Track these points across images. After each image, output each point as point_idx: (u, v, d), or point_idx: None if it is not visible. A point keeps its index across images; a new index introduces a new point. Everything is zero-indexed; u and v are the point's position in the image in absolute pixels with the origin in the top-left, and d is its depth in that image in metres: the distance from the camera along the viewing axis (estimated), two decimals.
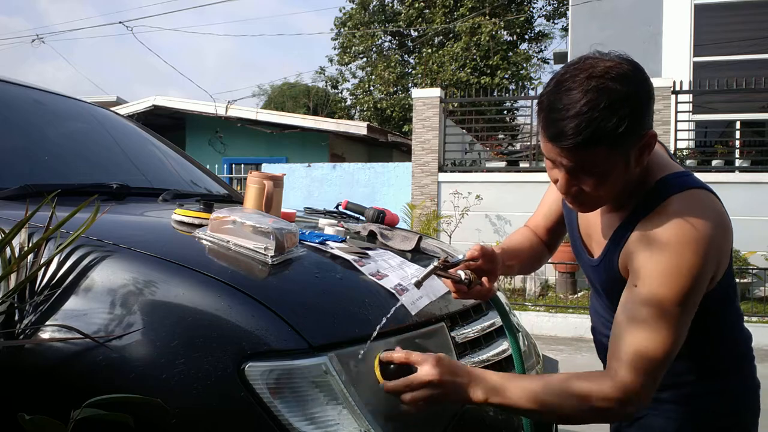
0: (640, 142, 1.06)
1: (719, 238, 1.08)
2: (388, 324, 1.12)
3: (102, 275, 1.09)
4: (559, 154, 1.06)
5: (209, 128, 12.80)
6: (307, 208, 2.26)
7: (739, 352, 1.25)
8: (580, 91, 1.01)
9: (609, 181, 1.08)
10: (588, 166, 1.06)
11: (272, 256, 1.18)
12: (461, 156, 9.30)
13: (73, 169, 1.88)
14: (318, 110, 21.85)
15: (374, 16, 21.12)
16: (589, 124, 1.00)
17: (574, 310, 6.54)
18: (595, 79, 1.01)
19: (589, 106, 1.00)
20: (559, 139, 1.04)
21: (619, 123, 1.00)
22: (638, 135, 1.04)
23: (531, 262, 1.50)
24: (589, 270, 1.30)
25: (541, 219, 1.52)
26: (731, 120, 8.49)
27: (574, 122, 1.01)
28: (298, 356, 1.01)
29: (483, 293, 1.29)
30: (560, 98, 1.03)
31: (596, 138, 1.01)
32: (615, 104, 1.00)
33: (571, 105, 1.01)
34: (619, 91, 1.00)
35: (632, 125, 1.01)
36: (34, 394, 1.03)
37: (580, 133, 1.01)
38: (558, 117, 1.03)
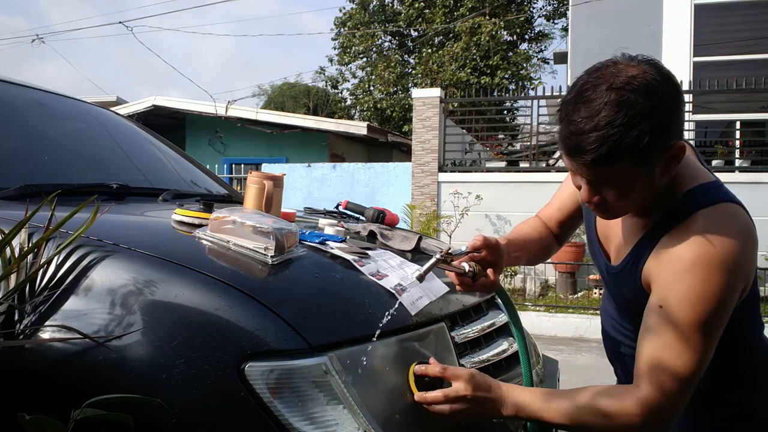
0: (665, 155, 1.02)
1: (747, 258, 1.04)
2: (389, 324, 1.12)
3: (102, 275, 1.09)
4: (579, 167, 1.04)
5: (209, 128, 12.80)
6: (307, 208, 2.26)
7: (759, 360, 1.21)
8: (599, 104, 0.97)
9: (632, 194, 1.05)
10: (609, 180, 1.03)
11: (272, 256, 1.18)
12: (461, 156, 9.30)
13: (73, 169, 1.88)
14: (318, 110, 21.85)
15: (374, 16, 21.12)
16: (607, 140, 0.97)
17: (574, 310, 6.54)
18: (615, 91, 0.97)
19: (606, 121, 0.96)
20: (577, 154, 1.01)
21: (639, 138, 0.96)
22: (663, 148, 1.00)
23: (539, 254, 1.47)
24: (606, 274, 1.28)
25: (554, 211, 1.48)
26: (731, 120, 8.49)
27: (591, 137, 0.97)
28: (298, 356, 1.01)
29: (488, 285, 1.26)
30: (579, 110, 0.99)
31: (615, 154, 0.98)
32: (635, 119, 0.96)
33: (589, 119, 0.98)
34: (641, 105, 0.96)
35: (655, 140, 0.97)
36: (34, 394, 1.03)
37: (597, 150, 0.98)
38: (576, 130, 0.99)
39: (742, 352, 1.18)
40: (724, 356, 1.13)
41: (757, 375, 1.20)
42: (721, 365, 1.14)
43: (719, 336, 1.05)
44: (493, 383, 1.13)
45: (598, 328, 5.74)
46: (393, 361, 1.15)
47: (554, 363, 2.01)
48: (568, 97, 1.04)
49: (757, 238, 1.08)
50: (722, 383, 1.18)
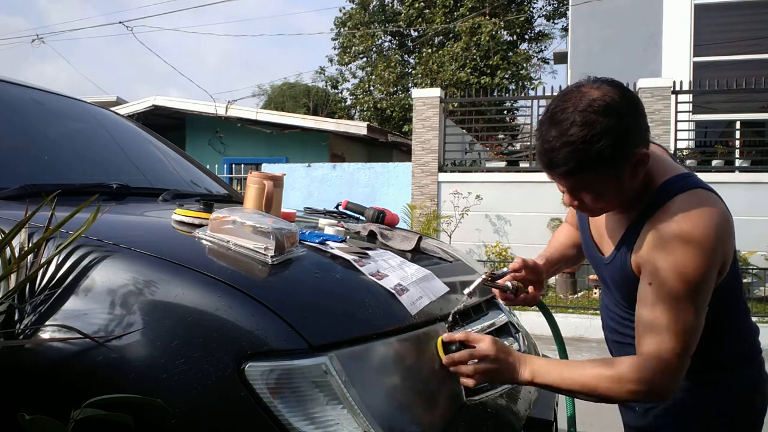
0: (630, 162, 1.16)
1: (723, 232, 1.16)
2: (388, 324, 1.12)
3: (102, 275, 1.09)
4: (553, 177, 1.21)
5: (209, 128, 12.80)
6: (307, 208, 2.26)
7: (745, 346, 1.33)
8: (567, 124, 1.13)
9: (606, 196, 1.21)
10: (582, 187, 1.20)
11: (272, 256, 1.18)
12: (461, 156, 9.30)
13: (73, 169, 1.88)
14: (318, 110, 21.85)
15: (374, 16, 21.12)
16: (572, 155, 1.13)
17: (574, 310, 6.54)
18: (579, 113, 1.13)
19: (573, 139, 1.12)
20: (551, 168, 1.18)
21: (601, 152, 1.12)
22: (626, 157, 1.15)
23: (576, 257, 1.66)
24: (600, 267, 1.40)
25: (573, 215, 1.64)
26: (731, 120, 8.49)
27: (561, 153, 1.14)
28: (298, 356, 1.01)
29: (529, 300, 1.54)
30: (551, 130, 1.16)
31: (582, 167, 1.14)
32: (597, 136, 1.11)
33: (559, 137, 1.14)
34: (602, 123, 1.11)
35: (616, 151, 1.13)
36: (34, 394, 1.03)
37: (567, 164, 1.15)
38: (549, 148, 1.16)
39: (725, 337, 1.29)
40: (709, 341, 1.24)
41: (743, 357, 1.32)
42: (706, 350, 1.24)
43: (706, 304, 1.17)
44: (512, 349, 1.29)
45: (598, 328, 5.77)
46: (393, 361, 1.15)
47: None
48: (542, 118, 1.20)
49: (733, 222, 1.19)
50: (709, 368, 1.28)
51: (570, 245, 1.65)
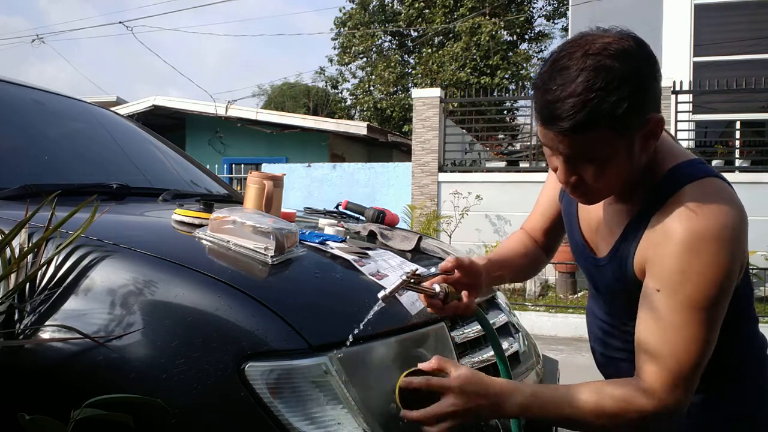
0: (644, 128, 0.98)
1: (739, 230, 1.00)
2: (388, 324, 1.12)
3: (102, 275, 1.09)
4: (555, 138, 0.99)
5: (209, 128, 12.80)
6: (307, 208, 2.26)
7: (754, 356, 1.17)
8: (575, 70, 0.94)
9: (611, 170, 1.00)
10: (587, 152, 0.98)
11: (272, 256, 1.18)
12: (461, 156, 9.30)
13: (73, 169, 1.88)
14: (318, 110, 21.85)
15: (374, 16, 21.12)
16: (585, 105, 0.92)
17: (574, 310, 6.54)
18: (591, 57, 0.94)
19: (584, 86, 0.93)
20: (554, 123, 0.96)
21: (617, 104, 0.92)
22: (641, 119, 0.97)
23: (525, 270, 1.41)
24: (592, 270, 1.21)
25: (537, 220, 1.42)
26: (731, 120, 8.49)
27: (568, 104, 0.93)
28: (298, 356, 1.01)
29: (461, 308, 1.17)
30: (554, 78, 0.96)
31: (593, 121, 0.93)
32: (613, 83, 0.92)
33: (566, 85, 0.94)
34: (618, 69, 0.93)
35: (633, 107, 0.93)
36: (34, 394, 1.03)
37: (575, 116, 0.93)
38: (552, 99, 0.95)
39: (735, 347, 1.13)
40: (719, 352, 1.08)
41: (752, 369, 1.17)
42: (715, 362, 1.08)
43: (723, 314, 1.00)
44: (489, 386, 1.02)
45: None
46: (393, 361, 1.15)
47: (554, 363, 2.01)
48: (542, 69, 1.00)
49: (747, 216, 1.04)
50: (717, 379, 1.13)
51: (521, 254, 1.38)
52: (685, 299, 0.97)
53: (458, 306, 1.17)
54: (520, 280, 1.47)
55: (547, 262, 1.45)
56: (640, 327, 1.03)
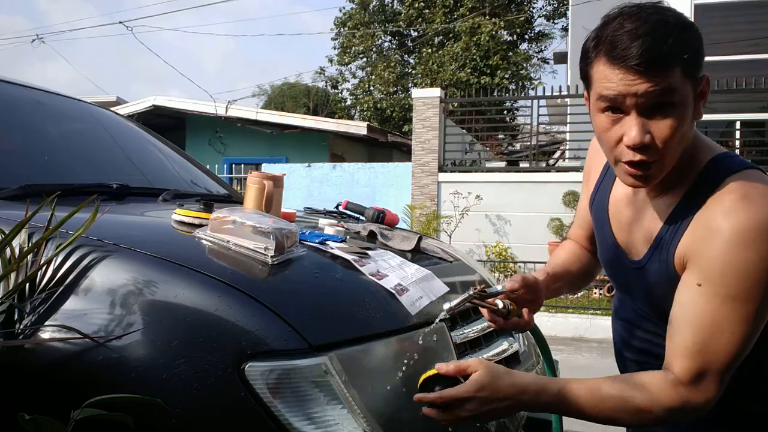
0: (700, 85, 0.98)
1: None
2: (388, 324, 1.12)
3: (102, 275, 1.09)
4: (632, 81, 0.93)
5: (209, 128, 12.80)
6: (307, 208, 2.26)
7: None
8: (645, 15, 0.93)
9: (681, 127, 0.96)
10: (665, 92, 0.93)
11: (272, 256, 1.18)
12: (461, 156, 9.30)
13: (73, 169, 1.88)
14: (318, 110, 21.85)
15: (374, 16, 21.13)
16: (666, 37, 0.91)
17: (574, 310, 6.54)
18: (665, 10, 0.95)
19: (662, 24, 0.92)
20: (636, 57, 0.91)
21: (692, 42, 0.93)
22: (701, 72, 0.97)
23: (581, 278, 1.40)
24: (627, 274, 1.15)
25: (579, 228, 1.40)
26: (731, 120, 8.49)
27: (649, 38, 0.91)
28: (298, 356, 1.01)
29: (521, 325, 1.21)
30: (624, 24, 0.93)
31: (674, 54, 0.92)
32: (684, 25, 0.94)
33: (642, 25, 0.92)
34: (683, 18, 0.95)
35: (700, 53, 0.95)
36: (34, 394, 1.03)
37: (659, 48, 0.91)
38: (629, 37, 0.92)
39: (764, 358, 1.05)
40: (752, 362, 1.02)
41: None
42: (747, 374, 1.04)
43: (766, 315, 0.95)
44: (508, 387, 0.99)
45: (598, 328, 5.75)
46: (393, 361, 1.15)
47: (554, 363, 2.01)
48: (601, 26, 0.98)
49: None
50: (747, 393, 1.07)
51: (575, 262, 1.38)
52: (727, 292, 0.94)
53: (518, 322, 1.21)
54: (577, 289, 1.47)
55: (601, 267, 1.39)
56: (674, 320, 1.00)
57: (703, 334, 0.95)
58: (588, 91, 1.04)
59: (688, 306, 0.98)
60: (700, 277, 0.97)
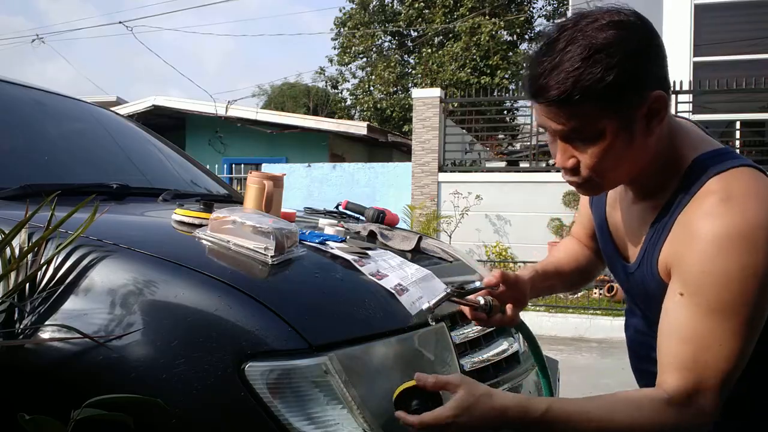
0: (641, 104, 0.92)
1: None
2: (388, 324, 1.12)
3: (102, 275, 1.09)
4: (546, 114, 0.94)
5: (209, 128, 12.80)
6: (307, 208, 2.26)
7: None
8: (563, 43, 0.91)
9: (609, 152, 0.94)
10: (578, 128, 0.93)
11: (272, 256, 1.18)
12: (461, 156, 9.30)
13: (73, 169, 1.88)
14: (318, 110, 21.85)
15: (374, 16, 21.13)
16: (568, 75, 0.89)
17: (574, 310, 6.54)
18: (580, 31, 0.91)
19: (569, 57, 0.89)
20: (541, 94, 0.92)
21: (604, 75, 0.88)
22: (638, 95, 0.91)
23: (578, 277, 1.36)
24: (624, 279, 1.13)
25: (581, 226, 1.36)
26: (731, 120, 8.49)
27: (552, 75, 0.90)
28: (299, 356, 1.01)
29: (505, 322, 1.18)
30: (542, 53, 0.93)
31: (579, 91, 0.88)
32: (599, 53, 0.88)
33: (553, 58, 0.91)
34: (607, 40, 0.89)
35: (624, 80, 0.89)
36: (34, 394, 1.03)
37: (560, 86, 0.89)
38: (539, 72, 0.92)
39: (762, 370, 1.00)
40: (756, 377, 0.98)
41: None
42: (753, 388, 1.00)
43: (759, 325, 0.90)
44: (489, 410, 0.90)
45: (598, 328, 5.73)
46: (393, 361, 1.15)
47: (554, 363, 2.01)
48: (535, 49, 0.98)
49: None
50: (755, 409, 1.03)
51: (570, 260, 1.34)
52: (708, 305, 0.89)
53: (502, 319, 1.17)
54: (575, 288, 1.41)
55: (603, 266, 1.36)
56: (661, 331, 0.96)
57: (690, 348, 0.90)
58: None
59: (672, 317, 0.94)
60: (682, 287, 0.93)
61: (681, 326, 0.91)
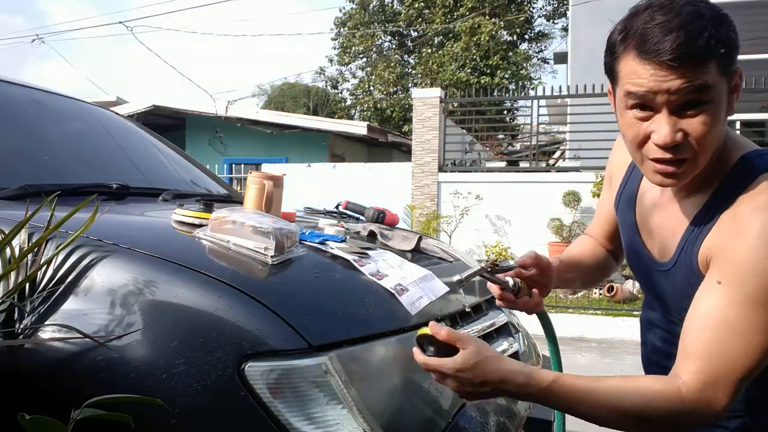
0: (733, 79, 0.92)
1: None
2: (388, 324, 1.12)
3: (102, 275, 1.09)
4: (664, 77, 0.88)
5: (209, 128, 12.80)
6: (307, 208, 2.26)
7: None
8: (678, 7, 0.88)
9: (716, 123, 0.91)
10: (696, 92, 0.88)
11: (272, 256, 1.18)
12: (461, 156, 9.31)
13: (73, 169, 1.88)
14: (318, 110, 21.86)
15: (374, 16, 21.14)
16: (702, 31, 0.86)
17: (574, 310, 6.54)
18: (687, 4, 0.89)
19: (696, 16, 0.87)
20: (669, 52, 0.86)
21: (728, 34, 0.88)
22: (734, 65, 0.91)
23: (595, 274, 1.36)
24: (654, 277, 1.10)
25: (599, 227, 1.36)
26: (731, 120, 8.49)
27: (684, 31, 0.86)
28: (299, 356, 1.01)
29: (530, 305, 1.17)
30: (654, 16, 0.89)
31: (708, 50, 0.86)
32: (719, 17, 0.88)
33: (674, 18, 0.87)
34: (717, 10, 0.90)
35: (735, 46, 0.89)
36: (34, 394, 1.03)
37: (693, 42, 0.85)
38: (661, 30, 0.87)
39: None
40: None
41: None
42: None
43: None
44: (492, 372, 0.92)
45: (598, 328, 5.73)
46: (393, 361, 1.15)
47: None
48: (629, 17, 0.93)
49: None
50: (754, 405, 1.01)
51: (590, 258, 1.34)
52: (748, 294, 0.87)
53: (528, 302, 1.17)
54: (591, 284, 1.39)
55: (617, 267, 1.39)
56: (688, 319, 0.94)
57: (717, 336, 0.89)
58: (613, 87, 0.99)
59: (704, 304, 0.92)
60: (721, 275, 0.91)
61: (712, 314, 0.90)
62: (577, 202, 7.75)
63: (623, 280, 7.06)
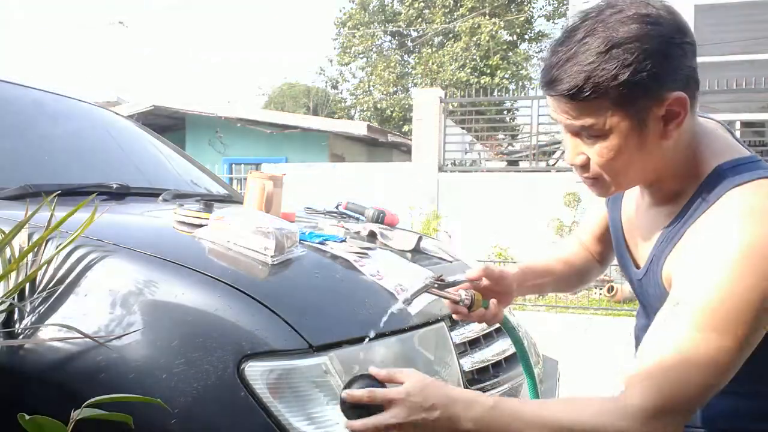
0: (659, 106, 0.87)
1: None
2: (388, 324, 1.12)
3: (102, 275, 1.09)
4: (557, 106, 0.91)
5: (209, 128, 12.80)
6: (307, 208, 2.26)
7: None
8: (581, 33, 0.87)
9: (620, 153, 0.90)
10: (587, 124, 0.89)
11: (272, 256, 1.18)
12: (461, 156, 9.30)
13: (73, 169, 1.88)
14: (318, 110, 21.87)
15: (374, 16, 21.13)
16: (581, 70, 0.85)
17: (574, 310, 6.54)
18: (602, 23, 0.87)
19: (584, 48, 0.86)
20: (552, 87, 0.89)
21: (618, 72, 0.84)
22: (655, 95, 0.87)
23: (570, 278, 1.31)
24: (635, 285, 1.09)
25: (589, 227, 1.33)
26: (731, 120, 8.49)
27: (566, 68, 0.87)
28: (298, 356, 1.01)
29: (488, 317, 1.12)
30: (560, 43, 0.90)
31: (591, 87, 0.85)
32: (617, 48, 0.84)
33: (570, 49, 0.87)
34: (627, 34, 0.85)
35: (638, 77, 0.84)
36: (34, 394, 1.03)
37: (571, 80, 0.86)
38: (553, 62, 0.89)
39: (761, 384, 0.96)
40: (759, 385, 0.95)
41: None
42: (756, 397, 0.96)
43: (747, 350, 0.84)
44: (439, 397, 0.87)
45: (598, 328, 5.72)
46: (393, 361, 1.15)
47: (554, 363, 2.01)
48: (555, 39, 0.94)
49: None
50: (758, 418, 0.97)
51: (563, 261, 1.29)
52: (704, 320, 0.83)
53: (484, 314, 1.13)
54: (567, 289, 1.38)
55: (601, 270, 1.35)
56: (645, 341, 0.90)
57: (669, 362, 0.84)
58: None
59: (660, 326, 0.88)
60: (679, 296, 0.87)
61: (667, 338, 0.85)
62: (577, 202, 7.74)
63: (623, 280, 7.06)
